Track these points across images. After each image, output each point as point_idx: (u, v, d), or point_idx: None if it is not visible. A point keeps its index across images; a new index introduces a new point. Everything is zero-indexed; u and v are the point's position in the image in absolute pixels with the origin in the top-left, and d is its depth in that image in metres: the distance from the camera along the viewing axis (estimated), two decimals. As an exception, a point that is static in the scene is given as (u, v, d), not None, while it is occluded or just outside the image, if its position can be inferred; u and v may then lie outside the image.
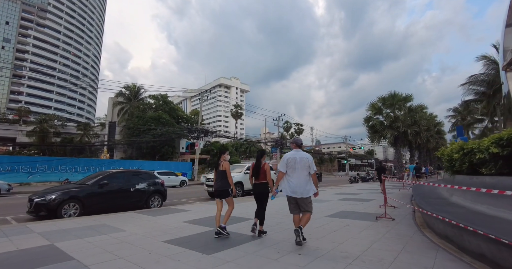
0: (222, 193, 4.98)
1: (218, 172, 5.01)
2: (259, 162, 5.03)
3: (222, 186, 4.95)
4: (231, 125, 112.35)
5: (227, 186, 4.95)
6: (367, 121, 28.37)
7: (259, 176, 4.96)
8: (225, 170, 4.93)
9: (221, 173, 4.97)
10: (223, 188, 4.95)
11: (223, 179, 4.95)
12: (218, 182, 4.98)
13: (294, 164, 4.25)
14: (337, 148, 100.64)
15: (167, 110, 41.55)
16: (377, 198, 10.84)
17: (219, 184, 4.98)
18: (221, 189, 4.96)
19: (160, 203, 9.78)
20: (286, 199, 4.57)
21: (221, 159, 5.09)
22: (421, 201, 6.03)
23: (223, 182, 4.95)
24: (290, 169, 4.26)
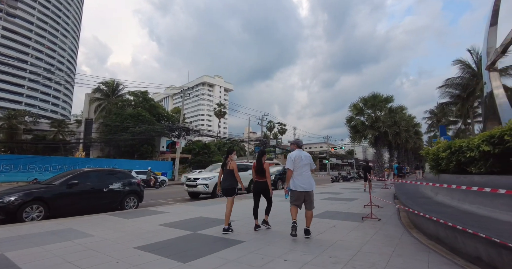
0: (230, 191, 5.20)
1: (226, 171, 5.24)
2: (260, 161, 5.31)
3: (231, 185, 5.18)
4: (214, 124, 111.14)
5: (235, 184, 5.20)
6: (349, 121, 28.72)
7: (262, 174, 5.28)
8: (233, 169, 5.16)
9: (228, 172, 5.20)
10: (231, 186, 5.19)
11: (231, 177, 5.19)
12: (226, 181, 5.21)
13: (300, 162, 4.59)
14: (318, 148, 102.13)
15: (147, 107, 40.26)
16: (360, 198, 10.80)
17: (227, 183, 5.19)
18: (229, 187, 5.19)
19: (136, 204, 9.19)
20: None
21: (228, 158, 5.29)
22: (408, 201, 5.92)
23: (231, 180, 5.19)
24: (297, 166, 4.59)
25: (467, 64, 25.80)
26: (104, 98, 39.25)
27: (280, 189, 15.91)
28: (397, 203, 8.44)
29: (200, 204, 9.29)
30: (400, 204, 7.13)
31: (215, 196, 11.83)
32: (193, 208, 8.35)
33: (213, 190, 11.81)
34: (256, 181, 5.38)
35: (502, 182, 3.83)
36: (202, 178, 11.95)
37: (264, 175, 5.22)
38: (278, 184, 16.34)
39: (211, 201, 10.36)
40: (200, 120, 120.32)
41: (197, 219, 6.45)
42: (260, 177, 5.30)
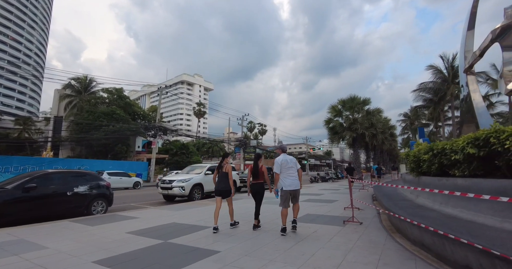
0: (226, 192, 5.50)
1: (222, 173, 5.52)
2: (256, 164, 5.65)
3: (226, 186, 5.46)
4: (193, 124, 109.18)
5: (229, 188, 5.47)
6: (327, 122, 29.05)
7: (257, 177, 5.56)
8: (228, 172, 5.45)
9: (224, 175, 5.49)
10: (227, 188, 5.46)
11: (227, 180, 5.48)
12: (222, 183, 5.50)
13: (286, 164, 5.09)
14: (298, 148, 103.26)
15: (122, 105, 38.55)
16: (340, 199, 10.73)
17: (222, 185, 5.48)
18: (225, 189, 5.47)
19: (104, 209, 8.50)
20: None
21: (224, 162, 5.60)
22: (390, 204, 5.81)
23: (227, 183, 5.47)
24: (284, 169, 5.08)
25: (439, 70, 26.98)
26: (75, 94, 37.07)
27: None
28: (377, 205, 8.40)
29: (174, 208, 8.76)
30: (380, 206, 7.05)
31: (191, 199, 11.31)
32: (167, 213, 7.82)
33: (189, 193, 11.28)
34: (252, 183, 5.64)
35: (486, 185, 3.74)
36: (178, 180, 11.38)
37: (259, 177, 5.55)
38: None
39: (187, 204, 9.84)
40: (179, 119, 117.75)
41: (169, 226, 5.97)
42: (255, 179, 5.59)
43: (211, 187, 12.94)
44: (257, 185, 5.60)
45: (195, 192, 11.64)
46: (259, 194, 5.64)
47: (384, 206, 5.97)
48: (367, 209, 8.06)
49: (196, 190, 11.68)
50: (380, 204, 7.22)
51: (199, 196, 11.78)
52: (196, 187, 11.66)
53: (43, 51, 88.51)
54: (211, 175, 12.55)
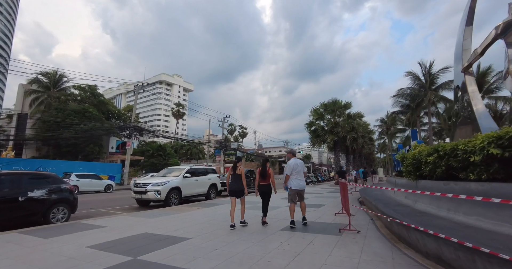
0: (240, 192, 6.03)
1: (236, 175, 6.05)
2: (264, 167, 6.26)
3: (240, 187, 5.98)
4: (171, 125, 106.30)
5: (243, 187, 5.98)
6: (309, 125, 28.94)
7: (265, 179, 6.15)
8: (241, 174, 6.00)
9: (238, 176, 6.03)
10: (241, 188, 5.98)
11: (240, 181, 6.00)
12: (235, 183, 6.04)
13: (296, 168, 5.90)
14: (278, 151, 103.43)
15: (96, 103, 36.31)
16: (327, 204, 10.26)
17: (236, 185, 6.03)
18: (239, 189, 6.00)
19: (66, 216, 7.41)
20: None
21: (237, 164, 6.16)
22: (388, 210, 5.32)
23: (240, 183, 5.99)
24: (294, 171, 5.89)
25: (417, 76, 27.71)
26: (43, 90, 34.36)
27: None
28: (367, 210, 7.98)
29: (148, 215, 7.83)
30: (375, 211, 6.59)
31: (168, 204, 10.37)
32: (139, 221, 6.90)
33: (166, 198, 10.33)
34: (260, 184, 6.21)
35: (509, 191, 3.30)
36: (153, 184, 10.40)
37: (267, 179, 6.14)
38: (239, 189, 15.25)
39: (163, 210, 8.92)
40: (156, 120, 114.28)
41: (141, 237, 5.11)
42: (263, 181, 6.18)
43: (190, 191, 12.08)
44: (265, 186, 6.19)
45: (172, 196, 10.71)
46: (267, 194, 6.25)
47: (381, 211, 5.48)
48: (358, 213, 7.61)
49: (173, 194, 10.75)
50: (372, 209, 6.76)
51: (176, 201, 10.85)
52: (173, 191, 10.73)
53: (8, 44, 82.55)
54: (190, 178, 11.68)
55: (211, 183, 13.02)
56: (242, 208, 6.16)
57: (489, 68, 26.85)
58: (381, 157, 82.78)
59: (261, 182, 6.20)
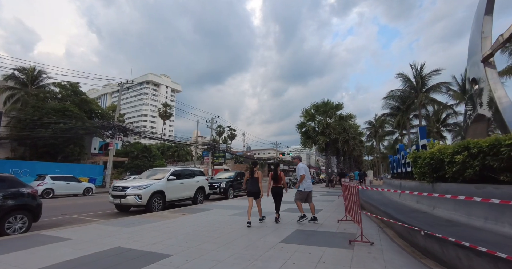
0: (257, 194, 6.66)
1: (253, 179, 6.69)
2: (276, 171, 6.97)
3: (257, 189, 6.64)
4: (158, 126, 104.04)
5: (260, 190, 6.66)
6: (300, 127, 28.34)
7: (277, 181, 6.85)
8: (258, 177, 6.69)
9: (255, 180, 6.68)
10: (258, 190, 6.64)
11: (257, 183, 6.65)
12: (253, 186, 6.66)
13: (308, 171, 6.96)
14: (267, 154, 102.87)
15: (77, 102, 34.52)
16: (324, 208, 9.51)
17: (254, 188, 6.65)
18: (257, 191, 6.63)
19: (26, 226, 6.32)
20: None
21: (254, 169, 6.82)
22: (403, 217, 4.60)
23: (257, 186, 6.64)
24: (307, 174, 6.76)
25: (408, 78, 27.63)
26: (19, 87, 32.36)
27: (230, 198, 13.98)
28: (366, 212, 7.25)
29: (125, 223, 6.83)
30: (379, 215, 5.85)
31: (150, 209, 9.36)
32: (113, 231, 5.90)
33: (147, 203, 9.32)
34: (273, 187, 6.95)
35: None
36: (134, 187, 9.36)
37: (278, 182, 6.85)
38: (229, 193, 14.36)
39: (143, 217, 7.91)
40: (143, 121, 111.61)
41: (110, 254, 4.15)
42: (275, 183, 6.90)
43: (175, 195, 11.08)
44: (278, 188, 6.91)
45: (155, 201, 9.70)
46: (279, 195, 6.99)
47: (395, 219, 4.73)
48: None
49: (156, 199, 9.74)
50: (379, 214, 6.01)
51: (159, 206, 9.84)
52: (156, 196, 9.72)
53: (-14, 40, 78.50)
54: (175, 180, 10.70)
55: (199, 186, 12.06)
56: (259, 208, 6.84)
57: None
58: (368, 159, 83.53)
59: (273, 185, 6.97)
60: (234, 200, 12.67)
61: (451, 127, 38.43)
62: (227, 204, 11.21)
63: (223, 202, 12.13)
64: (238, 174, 16.19)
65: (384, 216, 5.39)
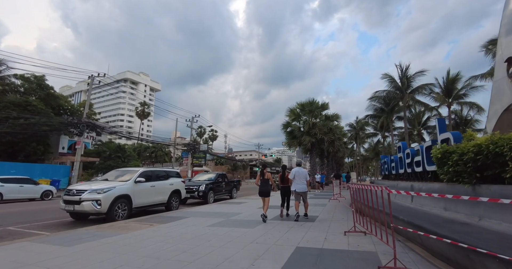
0: (268, 193, 7.56)
1: (264, 180, 7.59)
2: (284, 172, 8.14)
3: (268, 189, 7.57)
4: (136, 125, 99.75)
5: (270, 189, 7.65)
6: (285, 126, 27.26)
7: (285, 182, 8.01)
8: (269, 179, 7.63)
9: (266, 181, 7.59)
10: (269, 190, 7.59)
11: (268, 184, 7.60)
12: (265, 187, 7.55)
13: (298, 175, 7.54)
14: (249, 155, 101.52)
15: (43, 96, 31.49)
16: (320, 215, 8.27)
17: (265, 188, 7.54)
18: (267, 191, 7.55)
19: None
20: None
21: (265, 171, 7.68)
22: (449, 232, 3.37)
23: (268, 186, 7.60)
24: (296, 178, 7.52)
25: (393, 79, 27.34)
26: (-26, 79, 28.97)
27: (210, 203, 12.47)
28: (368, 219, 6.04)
29: (69, 239, 5.18)
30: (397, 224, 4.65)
31: (112, 218, 7.71)
32: (44, 253, 4.27)
33: (109, 210, 7.66)
34: (282, 186, 8.09)
35: None
36: (91, 190, 7.66)
37: (285, 182, 7.98)
38: (209, 196, 12.83)
39: (97, 230, 6.26)
40: (119, 120, 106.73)
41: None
42: (283, 183, 8.08)
43: (144, 199, 9.37)
44: (286, 187, 7.96)
45: (119, 208, 8.04)
46: (287, 193, 7.99)
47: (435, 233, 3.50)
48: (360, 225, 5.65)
49: (120, 205, 8.08)
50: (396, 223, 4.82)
51: (124, 213, 8.19)
52: (120, 201, 8.06)
53: None
54: (144, 183, 9.08)
55: (173, 190, 10.47)
56: (267, 205, 7.41)
57: (458, 75, 27.34)
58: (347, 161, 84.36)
59: (281, 185, 8.07)
60: (215, 206, 11.17)
61: (431, 129, 39.04)
62: (207, 210, 9.71)
63: (202, 207, 10.61)
64: (220, 175, 14.69)
65: (408, 227, 4.16)
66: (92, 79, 23.59)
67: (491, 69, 21.96)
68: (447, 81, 27.64)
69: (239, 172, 60.62)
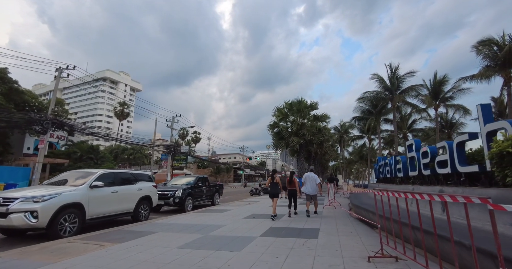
0: (277, 194, 8.52)
1: (274, 183, 8.56)
2: (291, 177, 8.98)
3: (277, 191, 8.57)
4: (115, 126, 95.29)
5: (279, 191, 8.70)
6: (272, 127, 25.87)
7: (292, 185, 8.93)
8: (278, 183, 8.62)
9: (275, 184, 8.58)
10: (278, 192, 8.60)
11: (277, 187, 8.61)
12: (274, 189, 8.52)
13: (309, 179, 8.98)
14: (233, 158, 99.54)
15: (5, 91, 28.43)
16: (322, 226, 6.74)
17: (275, 191, 8.51)
18: (277, 192, 8.54)
19: None
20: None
21: (275, 175, 8.65)
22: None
23: (277, 188, 8.60)
24: (307, 181, 8.97)
25: (383, 79, 26.64)
26: None
27: (188, 211, 10.73)
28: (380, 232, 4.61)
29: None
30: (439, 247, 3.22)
31: (56, 235, 5.87)
32: None
33: (50, 223, 5.82)
34: (289, 189, 8.95)
35: None
36: (26, 199, 5.79)
37: (292, 185, 8.90)
38: (187, 203, 11.08)
39: (21, 255, 4.43)
40: (97, 121, 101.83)
41: None
42: (290, 186, 8.92)
43: (103, 209, 7.15)
44: (292, 190, 8.95)
45: (66, 220, 6.19)
46: (294, 195, 8.99)
47: None
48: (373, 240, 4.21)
49: (67, 216, 6.23)
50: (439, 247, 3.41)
51: (73, 227, 6.34)
52: (67, 211, 6.22)
53: None
54: (104, 188, 7.27)
55: (142, 196, 8.68)
56: (275, 205, 8.32)
57: (445, 77, 27.10)
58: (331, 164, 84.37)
59: (289, 188, 9.00)
60: (192, 215, 9.43)
61: (416, 132, 38.96)
62: (182, 221, 7.99)
63: (177, 217, 8.87)
64: (200, 179, 12.93)
65: (464, 252, 2.72)
66: (60, 71, 21.13)
67: (482, 69, 21.67)
68: (434, 84, 27.34)
69: (222, 175, 58.60)
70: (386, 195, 3.79)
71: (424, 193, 3.01)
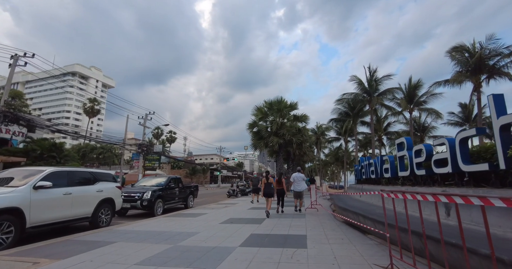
0: (271, 195, 9.41)
1: (267, 183, 9.55)
2: (280, 178, 9.81)
3: (271, 191, 9.46)
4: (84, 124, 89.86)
5: (273, 191, 9.65)
6: (251, 126, 25.16)
7: (280, 185, 9.69)
8: (272, 183, 9.62)
9: (269, 184, 9.54)
10: (272, 192, 9.50)
11: (271, 187, 9.54)
12: (268, 189, 9.44)
13: (296, 178, 10.03)
14: (209, 159, 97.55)
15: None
16: (308, 233, 5.99)
17: (268, 190, 9.43)
18: (270, 192, 9.42)
19: None
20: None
21: (269, 176, 9.74)
22: None
23: (271, 189, 9.51)
24: (295, 181, 10.01)
25: (361, 81, 26.83)
26: None
27: (158, 215, 9.61)
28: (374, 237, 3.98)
29: None
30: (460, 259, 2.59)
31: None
32: None
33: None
34: (278, 189, 9.72)
35: None
36: None
37: (281, 185, 9.68)
38: (156, 207, 9.96)
39: None
40: (65, 118, 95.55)
41: None
42: (279, 186, 9.71)
43: (52, 214, 5.74)
44: (281, 190, 9.72)
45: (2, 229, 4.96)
46: (282, 194, 9.79)
47: None
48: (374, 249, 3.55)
49: (1, 225, 5.00)
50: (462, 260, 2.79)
51: (8, 239, 5.12)
52: (0, 219, 4.99)
53: None
54: (53, 190, 6.08)
55: (103, 199, 7.50)
56: (269, 204, 9.19)
57: (419, 82, 27.90)
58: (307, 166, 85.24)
59: (277, 187, 9.74)
60: (162, 220, 8.36)
61: (390, 135, 40.00)
62: (149, 228, 6.93)
63: (144, 223, 7.77)
64: (172, 180, 11.81)
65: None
66: (16, 59, 18.94)
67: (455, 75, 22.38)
68: (409, 87, 28.03)
69: (198, 177, 56.82)
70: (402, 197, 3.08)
71: (458, 195, 2.33)
